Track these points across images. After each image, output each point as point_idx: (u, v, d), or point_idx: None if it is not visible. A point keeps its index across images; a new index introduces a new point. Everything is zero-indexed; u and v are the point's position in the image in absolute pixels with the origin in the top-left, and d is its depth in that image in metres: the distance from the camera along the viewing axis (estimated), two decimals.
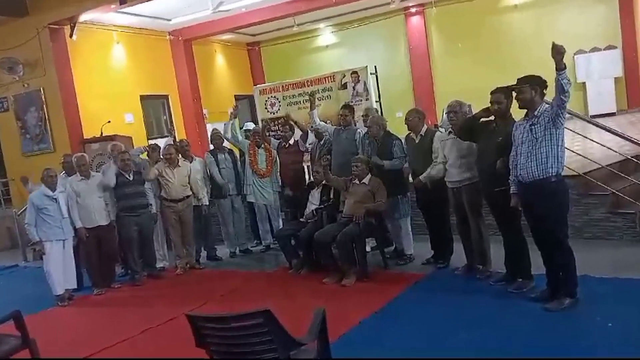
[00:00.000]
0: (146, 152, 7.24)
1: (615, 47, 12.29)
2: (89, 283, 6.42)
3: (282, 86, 9.23)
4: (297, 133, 7.14)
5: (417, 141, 5.48)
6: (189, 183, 6.75)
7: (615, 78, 12.27)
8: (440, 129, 5.73)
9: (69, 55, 9.83)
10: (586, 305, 4.03)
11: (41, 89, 9.69)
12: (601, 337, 3.59)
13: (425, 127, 5.50)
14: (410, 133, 5.60)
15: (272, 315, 2.60)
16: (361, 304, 4.79)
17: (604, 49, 12.34)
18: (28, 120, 9.95)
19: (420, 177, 5.36)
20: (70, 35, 9.71)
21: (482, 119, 4.63)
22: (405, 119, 5.54)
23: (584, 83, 12.45)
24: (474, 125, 4.64)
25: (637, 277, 4.47)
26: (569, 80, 3.76)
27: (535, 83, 4.04)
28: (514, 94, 4.23)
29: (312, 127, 6.88)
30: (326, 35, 15.26)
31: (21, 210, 8.31)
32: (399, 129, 6.14)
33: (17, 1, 9.36)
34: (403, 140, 5.71)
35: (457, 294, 4.76)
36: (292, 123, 7.22)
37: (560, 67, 3.72)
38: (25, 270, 8.25)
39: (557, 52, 3.70)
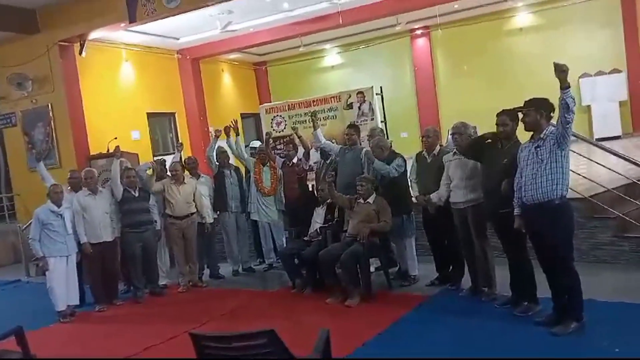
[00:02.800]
0: (151, 169, 7.25)
1: (620, 71, 12.34)
2: (91, 299, 6.40)
3: (288, 105, 9.30)
4: (300, 152, 7.17)
5: (429, 160, 5.46)
6: (194, 200, 6.76)
7: (620, 102, 12.29)
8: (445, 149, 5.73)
9: (77, 72, 9.94)
10: (593, 329, 3.99)
11: (49, 105, 9.78)
12: None
13: (438, 147, 5.49)
14: (422, 151, 5.59)
15: (277, 335, 2.57)
16: (365, 324, 4.74)
17: (609, 73, 12.39)
18: (35, 136, 10.01)
19: (432, 195, 5.29)
20: (80, 53, 9.83)
21: (488, 140, 4.65)
22: (425, 136, 5.52)
23: (589, 106, 12.48)
24: (479, 145, 4.65)
25: None
26: (573, 99, 3.77)
27: (541, 106, 4.06)
28: (520, 116, 4.25)
29: (317, 146, 6.90)
30: (332, 56, 15.40)
31: (25, 226, 8.33)
32: (404, 150, 6.16)
33: (28, 18, 9.50)
34: (411, 160, 5.70)
35: (462, 316, 4.71)
36: (295, 142, 7.25)
37: (564, 86, 3.74)
38: (27, 286, 8.24)
39: (560, 70, 3.71)
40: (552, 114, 4.07)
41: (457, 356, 3.89)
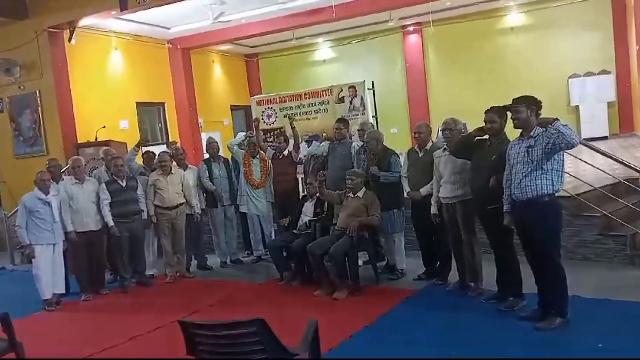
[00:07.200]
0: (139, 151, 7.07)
1: (609, 72, 12.44)
2: (77, 288, 6.36)
3: (280, 98, 9.28)
4: (290, 144, 7.16)
5: (420, 155, 5.47)
6: (182, 191, 6.73)
7: (608, 102, 12.41)
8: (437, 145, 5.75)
9: (66, 59, 9.83)
10: (577, 325, 4.04)
11: (37, 91, 9.67)
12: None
13: (430, 143, 5.51)
14: (413, 147, 5.62)
15: (266, 324, 2.58)
16: (352, 317, 4.77)
17: (598, 74, 12.48)
18: (22, 123, 9.91)
19: (421, 189, 5.34)
20: (69, 40, 9.71)
21: (477, 137, 4.68)
22: (418, 132, 5.52)
23: (577, 106, 12.59)
24: (468, 144, 4.68)
25: (628, 300, 4.50)
26: (565, 125, 3.79)
27: (530, 103, 4.09)
28: (509, 114, 4.29)
29: (309, 152, 6.92)
30: (324, 50, 15.36)
31: (11, 213, 8.24)
32: (394, 145, 6.18)
33: (17, 3, 9.38)
34: (403, 155, 5.72)
35: (448, 310, 4.76)
36: (287, 134, 7.25)
37: (551, 122, 3.83)
38: (12, 273, 8.16)
39: (541, 124, 3.93)
40: (540, 111, 4.11)
41: (443, 349, 3.93)
